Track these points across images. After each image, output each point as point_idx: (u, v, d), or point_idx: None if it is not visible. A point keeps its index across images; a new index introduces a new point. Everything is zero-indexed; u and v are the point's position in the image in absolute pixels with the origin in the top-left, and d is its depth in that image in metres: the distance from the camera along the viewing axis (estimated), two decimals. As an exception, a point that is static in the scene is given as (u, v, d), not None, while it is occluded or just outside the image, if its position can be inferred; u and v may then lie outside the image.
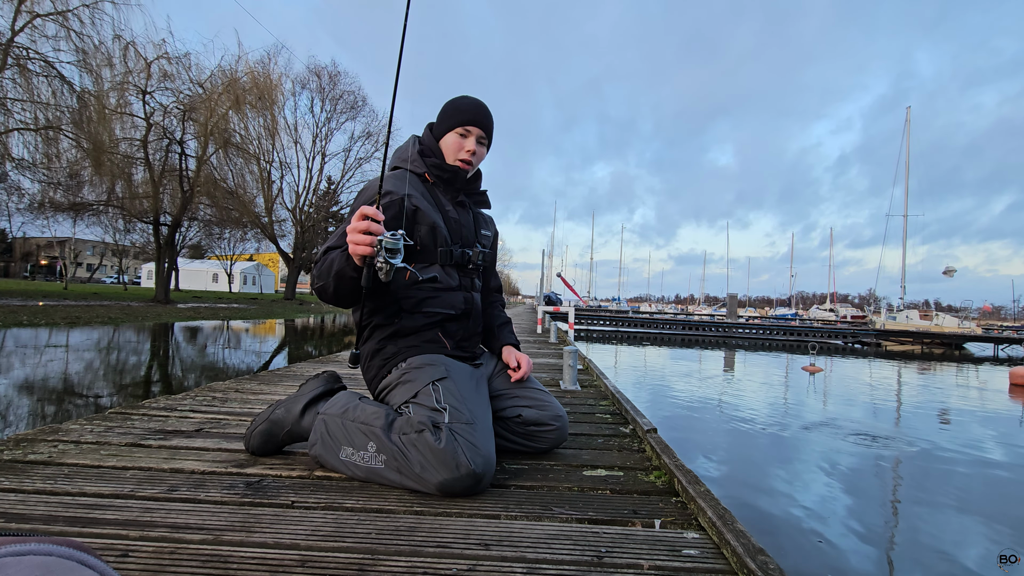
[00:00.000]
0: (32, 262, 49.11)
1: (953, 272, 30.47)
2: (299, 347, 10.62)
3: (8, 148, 14.95)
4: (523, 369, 1.63)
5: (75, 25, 15.03)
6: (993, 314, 57.36)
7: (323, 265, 1.35)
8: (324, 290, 1.36)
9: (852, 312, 44.13)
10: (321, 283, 1.36)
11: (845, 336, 24.46)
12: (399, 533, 1.02)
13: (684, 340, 20.86)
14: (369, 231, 1.19)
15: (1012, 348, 21.84)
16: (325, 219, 34.13)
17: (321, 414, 1.41)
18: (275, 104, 23.06)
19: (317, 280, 1.37)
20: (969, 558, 2.63)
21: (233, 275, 45.77)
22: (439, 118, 1.64)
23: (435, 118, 1.67)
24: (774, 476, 3.87)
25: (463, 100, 1.62)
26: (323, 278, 1.35)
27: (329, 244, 1.40)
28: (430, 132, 1.66)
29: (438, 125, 1.63)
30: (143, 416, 1.94)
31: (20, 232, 28.51)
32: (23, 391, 4.86)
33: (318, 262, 1.38)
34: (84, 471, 1.32)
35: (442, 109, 1.64)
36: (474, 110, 1.60)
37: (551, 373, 3.74)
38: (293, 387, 2.71)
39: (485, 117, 1.61)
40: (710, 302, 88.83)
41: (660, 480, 1.40)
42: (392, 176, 1.52)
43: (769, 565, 0.86)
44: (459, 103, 1.61)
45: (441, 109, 1.64)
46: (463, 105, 1.60)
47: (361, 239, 1.19)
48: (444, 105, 1.64)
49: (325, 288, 1.36)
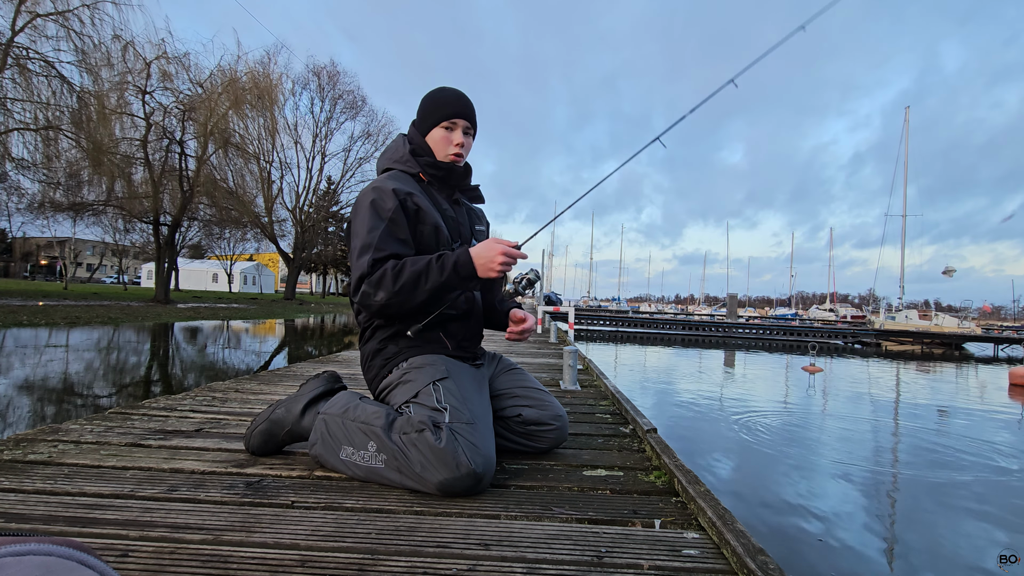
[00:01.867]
0: (32, 262, 49.11)
1: (952, 272, 30.46)
2: (299, 347, 10.63)
3: (8, 148, 14.95)
4: (528, 321, 1.62)
5: (75, 25, 15.06)
6: (993, 314, 57.33)
7: (407, 279, 1.35)
8: (405, 301, 1.38)
9: (852, 312, 44.12)
10: (401, 296, 1.36)
11: (845, 336, 24.46)
12: (399, 533, 1.02)
13: (684, 340, 20.87)
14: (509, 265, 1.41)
15: (1012, 348, 21.85)
16: (325, 219, 34.14)
17: (321, 414, 1.41)
18: (275, 104, 23.08)
19: (395, 295, 1.36)
20: (969, 558, 2.63)
21: (233, 275, 45.77)
22: (421, 114, 1.60)
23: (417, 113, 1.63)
24: (774, 476, 3.87)
25: (443, 92, 1.59)
26: (408, 291, 1.36)
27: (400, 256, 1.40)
28: (415, 130, 1.61)
29: (422, 122, 1.59)
30: (143, 416, 1.94)
31: (20, 232, 28.54)
32: (23, 391, 4.85)
33: (396, 276, 1.36)
34: (84, 471, 1.32)
35: (422, 105, 1.60)
36: (456, 101, 1.57)
37: (551, 373, 3.74)
38: (293, 387, 2.71)
39: (467, 107, 1.59)
40: (710, 302, 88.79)
41: (660, 480, 1.40)
42: (390, 177, 1.50)
43: (769, 565, 0.86)
44: (440, 96, 1.58)
45: (421, 105, 1.61)
46: (445, 98, 1.57)
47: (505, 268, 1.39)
48: (424, 100, 1.61)
49: (407, 301, 1.38)
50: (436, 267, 1.37)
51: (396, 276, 1.36)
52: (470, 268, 1.37)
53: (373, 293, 1.37)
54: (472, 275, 1.38)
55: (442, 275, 1.36)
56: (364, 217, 1.43)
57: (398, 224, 1.43)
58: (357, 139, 32.40)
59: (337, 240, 38.88)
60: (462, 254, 1.38)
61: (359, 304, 1.42)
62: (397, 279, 1.36)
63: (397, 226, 1.43)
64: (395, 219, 1.42)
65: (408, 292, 1.36)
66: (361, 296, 1.39)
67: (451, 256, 1.38)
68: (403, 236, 1.44)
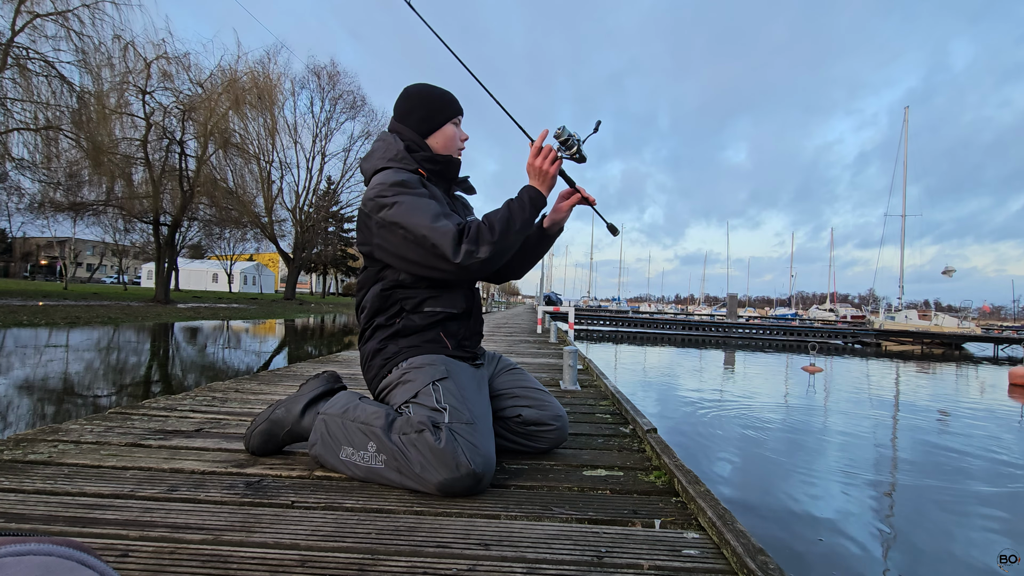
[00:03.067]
0: (32, 262, 49.10)
1: (952, 272, 30.50)
2: (299, 347, 10.62)
3: (8, 148, 14.96)
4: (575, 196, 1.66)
5: (75, 25, 15.06)
6: (993, 314, 57.34)
7: (501, 228, 1.42)
8: (506, 249, 1.44)
9: (852, 312, 44.11)
10: (502, 244, 1.42)
11: (845, 336, 24.47)
12: (399, 533, 1.02)
13: (684, 340, 20.87)
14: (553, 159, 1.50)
15: (1012, 348, 21.85)
16: (325, 219, 34.15)
17: (321, 414, 1.41)
18: (275, 104, 23.10)
19: (497, 246, 1.40)
20: (969, 557, 2.63)
21: (233, 275, 45.77)
22: (424, 112, 1.58)
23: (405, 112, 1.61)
24: (774, 476, 3.87)
25: (440, 91, 1.62)
26: (505, 237, 1.42)
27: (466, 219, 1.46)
28: (405, 127, 1.59)
29: (428, 120, 1.58)
30: (143, 416, 1.94)
31: (20, 232, 28.56)
32: (23, 391, 4.86)
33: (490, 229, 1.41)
34: (84, 471, 1.32)
35: (424, 104, 1.59)
36: (456, 99, 1.64)
37: (551, 373, 3.74)
38: (293, 387, 2.71)
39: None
40: (710, 302, 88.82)
41: (660, 480, 1.40)
42: (395, 172, 1.47)
43: (769, 565, 0.86)
44: (443, 95, 1.61)
45: (421, 104, 1.59)
46: (449, 96, 1.62)
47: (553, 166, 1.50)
48: (423, 100, 1.59)
49: (507, 248, 1.45)
50: (517, 207, 1.47)
51: (491, 228, 1.42)
52: (537, 191, 1.51)
53: (476, 250, 1.39)
54: (541, 196, 1.51)
55: (524, 211, 1.48)
56: (405, 199, 1.41)
57: (439, 199, 1.50)
58: (357, 139, 32.42)
59: (337, 240, 38.87)
60: (526, 189, 1.52)
61: (460, 267, 1.38)
62: (493, 230, 1.41)
63: (440, 201, 1.49)
64: (436, 195, 1.50)
65: (506, 238, 1.43)
66: (464, 255, 1.38)
67: (521, 194, 1.51)
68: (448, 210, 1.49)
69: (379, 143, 1.59)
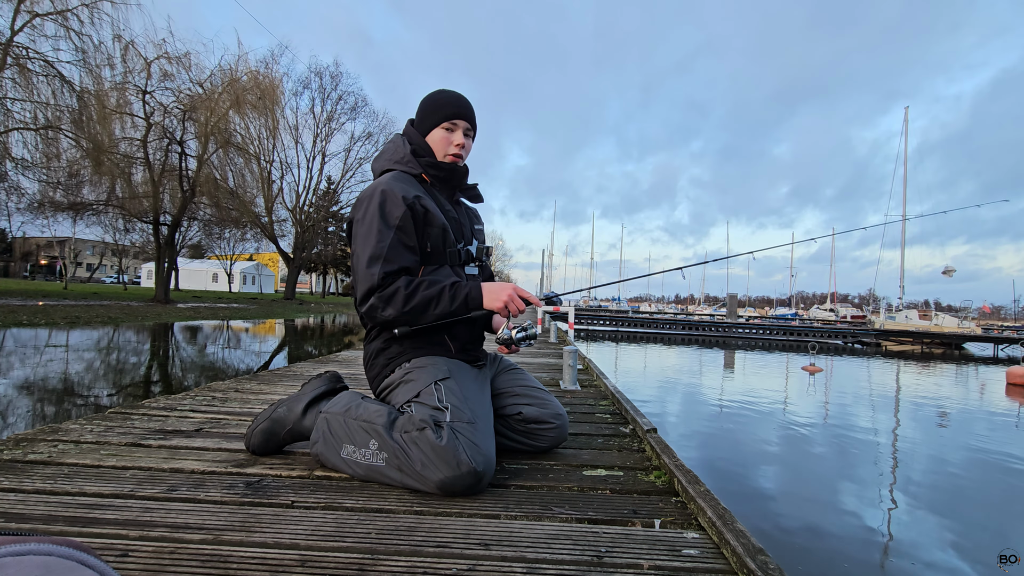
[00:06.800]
0: (32, 262, 49.10)
1: (952, 272, 30.48)
2: (299, 347, 10.62)
3: (8, 148, 14.95)
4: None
5: (75, 25, 15.05)
6: (993, 314, 57.33)
7: (418, 302, 1.39)
8: (412, 320, 1.42)
9: (852, 312, 44.12)
10: (409, 316, 1.40)
11: (845, 336, 24.46)
12: (399, 533, 1.02)
13: (684, 340, 20.87)
14: (521, 310, 1.46)
15: (1012, 348, 21.85)
16: (325, 219, 34.15)
17: (323, 412, 1.41)
18: (276, 104, 23.05)
19: (404, 315, 1.39)
20: (969, 557, 2.63)
21: (233, 275, 45.77)
22: (421, 115, 1.60)
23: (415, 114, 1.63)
24: (774, 476, 3.87)
25: (444, 94, 1.60)
26: (417, 313, 1.40)
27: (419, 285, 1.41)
28: (413, 129, 1.61)
29: (421, 122, 1.60)
30: (143, 416, 1.94)
31: (20, 232, 28.55)
32: (23, 391, 4.85)
33: (407, 298, 1.38)
34: (84, 471, 1.32)
35: (422, 105, 1.61)
36: (457, 103, 1.58)
37: (551, 373, 3.74)
38: (293, 387, 2.71)
39: (468, 109, 1.60)
40: (710, 302, 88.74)
41: (660, 480, 1.40)
42: (394, 178, 1.49)
43: (769, 565, 0.86)
44: (440, 97, 1.59)
45: (421, 105, 1.61)
46: (446, 99, 1.59)
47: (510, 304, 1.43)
48: (424, 101, 1.61)
49: (413, 320, 1.42)
50: (448, 296, 1.40)
51: (408, 297, 1.38)
52: (479, 302, 1.43)
53: (382, 308, 1.39)
54: (480, 303, 1.43)
55: (452, 304, 1.40)
56: (372, 222, 1.42)
57: (406, 232, 1.43)
58: (358, 139, 32.42)
59: (337, 240, 38.87)
60: (474, 288, 1.43)
61: (365, 315, 1.43)
62: (409, 300, 1.38)
63: (405, 234, 1.43)
64: (403, 227, 1.43)
65: (417, 314, 1.40)
66: (368, 308, 1.40)
67: (464, 288, 1.42)
68: (411, 244, 1.45)
69: (390, 144, 1.63)
